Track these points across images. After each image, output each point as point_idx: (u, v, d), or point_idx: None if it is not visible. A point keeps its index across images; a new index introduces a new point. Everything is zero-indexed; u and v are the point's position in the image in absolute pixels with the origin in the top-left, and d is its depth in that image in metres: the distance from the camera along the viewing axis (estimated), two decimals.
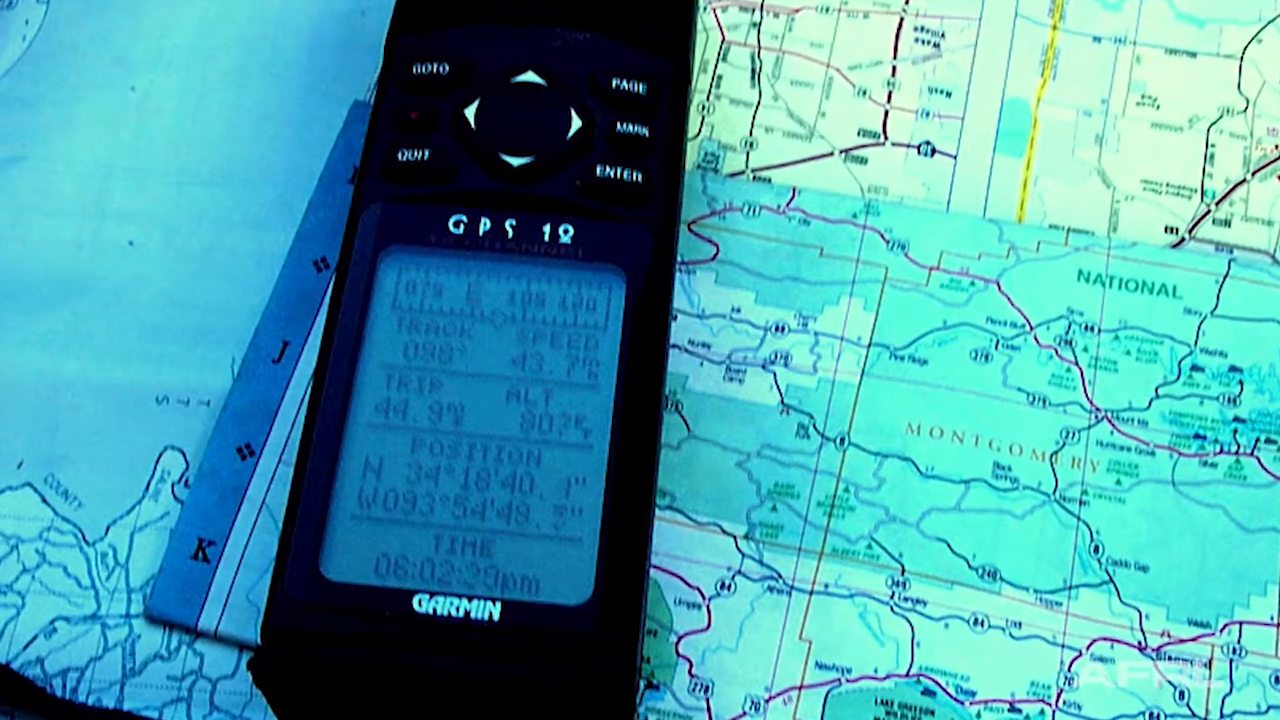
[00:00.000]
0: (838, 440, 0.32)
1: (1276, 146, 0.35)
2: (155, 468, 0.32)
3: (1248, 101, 0.35)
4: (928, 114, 0.36)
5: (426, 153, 0.30)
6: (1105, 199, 0.35)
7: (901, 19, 0.36)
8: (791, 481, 0.32)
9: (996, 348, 0.33)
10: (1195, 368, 0.33)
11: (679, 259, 0.32)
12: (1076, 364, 0.33)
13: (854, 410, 0.32)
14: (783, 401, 0.32)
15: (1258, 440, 0.32)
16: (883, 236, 0.34)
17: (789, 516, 0.31)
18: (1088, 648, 0.30)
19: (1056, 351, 0.33)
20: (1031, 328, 0.33)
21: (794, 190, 0.34)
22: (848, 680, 0.30)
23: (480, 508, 0.27)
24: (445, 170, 0.29)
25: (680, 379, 0.32)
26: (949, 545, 0.31)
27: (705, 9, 0.36)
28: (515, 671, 0.26)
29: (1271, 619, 0.31)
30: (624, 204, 0.29)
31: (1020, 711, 0.30)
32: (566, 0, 0.32)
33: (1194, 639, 0.30)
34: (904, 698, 0.30)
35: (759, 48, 0.36)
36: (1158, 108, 0.35)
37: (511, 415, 0.28)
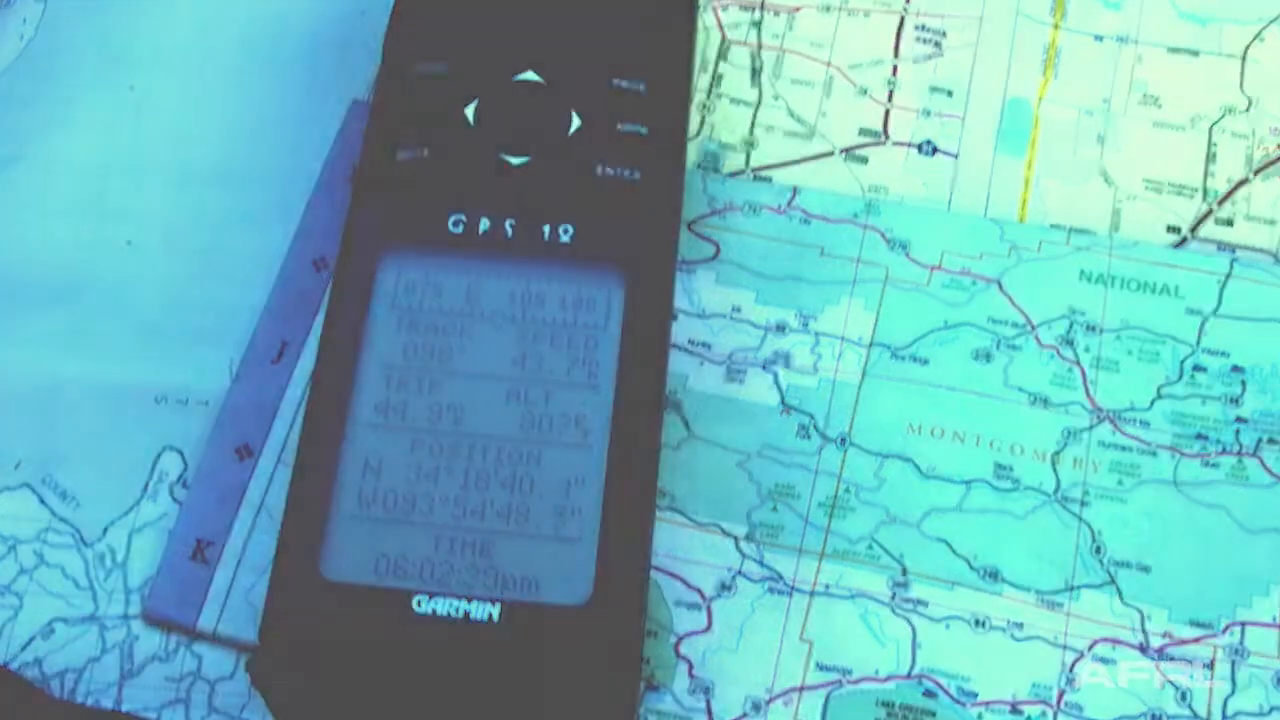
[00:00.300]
0: (838, 440, 0.32)
1: (1279, 145, 0.35)
2: (153, 468, 0.32)
3: (1250, 100, 0.35)
4: (929, 113, 0.35)
5: (426, 152, 0.30)
6: (1107, 198, 0.34)
7: (902, 18, 0.36)
8: (792, 482, 0.32)
9: (998, 348, 0.33)
10: (1197, 368, 0.33)
11: (679, 259, 0.31)
12: (1078, 364, 0.33)
13: (855, 410, 0.32)
14: (783, 401, 0.32)
15: (1260, 440, 0.32)
16: (883, 236, 0.34)
17: (789, 517, 0.31)
18: (1089, 648, 0.30)
19: (1058, 351, 0.33)
20: (1033, 327, 0.33)
21: (794, 190, 0.34)
22: (848, 681, 0.30)
23: (480, 508, 0.27)
24: (445, 170, 0.29)
25: (680, 379, 0.32)
26: (950, 546, 0.31)
27: (705, 8, 0.36)
28: (515, 672, 0.26)
29: (1274, 620, 0.31)
30: (624, 204, 0.29)
31: (1022, 713, 0.30)
32: (566, 0, 0.31)
33: (1196, 640, 0.30)
34: (905, 699, 0.30)
35: (759, 47, 0.36)
36: (1160, 107, 0.35)
37: (511, 415, 0.28)
